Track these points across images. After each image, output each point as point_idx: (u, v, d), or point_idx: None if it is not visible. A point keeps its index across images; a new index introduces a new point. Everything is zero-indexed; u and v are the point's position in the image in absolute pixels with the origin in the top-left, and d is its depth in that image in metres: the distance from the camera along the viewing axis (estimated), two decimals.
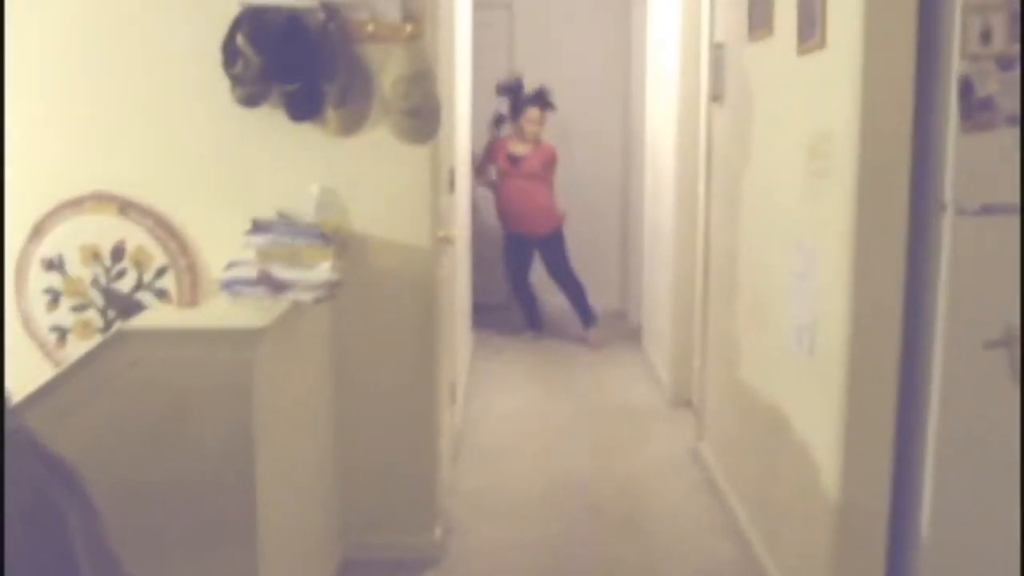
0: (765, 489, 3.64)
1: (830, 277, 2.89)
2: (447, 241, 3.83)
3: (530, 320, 7.55)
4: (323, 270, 3.13)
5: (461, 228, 5.39)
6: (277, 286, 2.86)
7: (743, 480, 3.98)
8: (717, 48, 4.41)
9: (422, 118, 3.42)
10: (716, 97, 4.44)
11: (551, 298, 7.66)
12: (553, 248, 7.29)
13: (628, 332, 7.61)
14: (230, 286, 2.87)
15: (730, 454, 4.25)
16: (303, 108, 3.41)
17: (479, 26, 7.26)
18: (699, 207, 5.42)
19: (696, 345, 5.49)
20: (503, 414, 5.59)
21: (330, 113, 3.42)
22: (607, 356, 6.96)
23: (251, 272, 2.95)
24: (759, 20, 3.63)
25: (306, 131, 3.45)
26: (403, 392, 3.60)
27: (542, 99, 7.13)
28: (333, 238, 3.39)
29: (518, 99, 7.17)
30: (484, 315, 7.77)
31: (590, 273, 7.53)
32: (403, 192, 3.51)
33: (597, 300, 8.14)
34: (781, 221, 3.40)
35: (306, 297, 2.80)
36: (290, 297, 2.81)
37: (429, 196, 3.53)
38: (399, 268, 3.54)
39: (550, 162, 7.25)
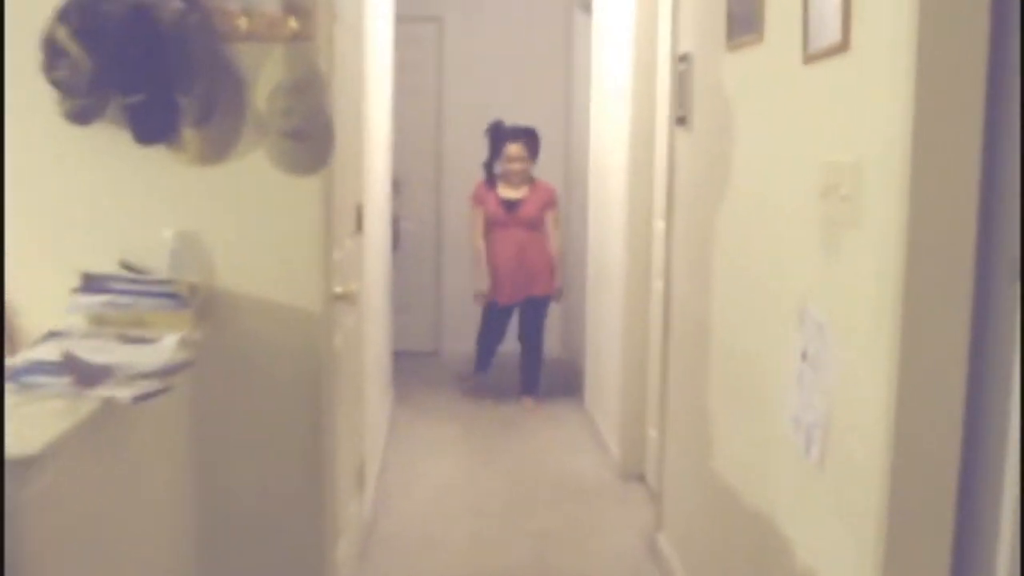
0: None
1: (853, 362, 2.12)
2: (347, 300, 3.00)
3: (482, 362, 6.68)
4: (165, 348, 2.29)
5: (374, 275, 4.56)
6: (89, 376, 2.01)
7: None
8: (682, 61, 3.64)
9: (309, 141, 2.61)
10: (681, 120, 3.67)
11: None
12: (537, 310, 6.46)
13: (569, 382, 6.82)
14: (20, 376, 2.00)
15: (701, 559, 3.45)
16: (152, 127, 2.57)
17: (405, 42, 6.48)
18: (655, 250, 4.64)
19: (651, 413, 4.71)
20: (425, 493, 4.74)
21: (188, 134, 2.58)
22: (546, 414, 6.15)
23: (53, 354, 2.10)
24: (743, 24, 2.87)
25: (157, 157, 2.62)
26: (285, 495, 2.76)
27: (521, 133, 6.34)
28: (191, 299, 2.56)
29: (496, 139, 6.39)
30: (407, 363, 6.94)
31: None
32: (286, 238, 2.69)
33: None
34: (775, 280, 2.63)
35: (123, 394, 1.95)
36: (106, 392, 1.96)
37: (320, 243, 2.72)
38: (280, 337, 2.71)
39: (550, 204, 6.39)
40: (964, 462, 1.97)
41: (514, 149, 6.26)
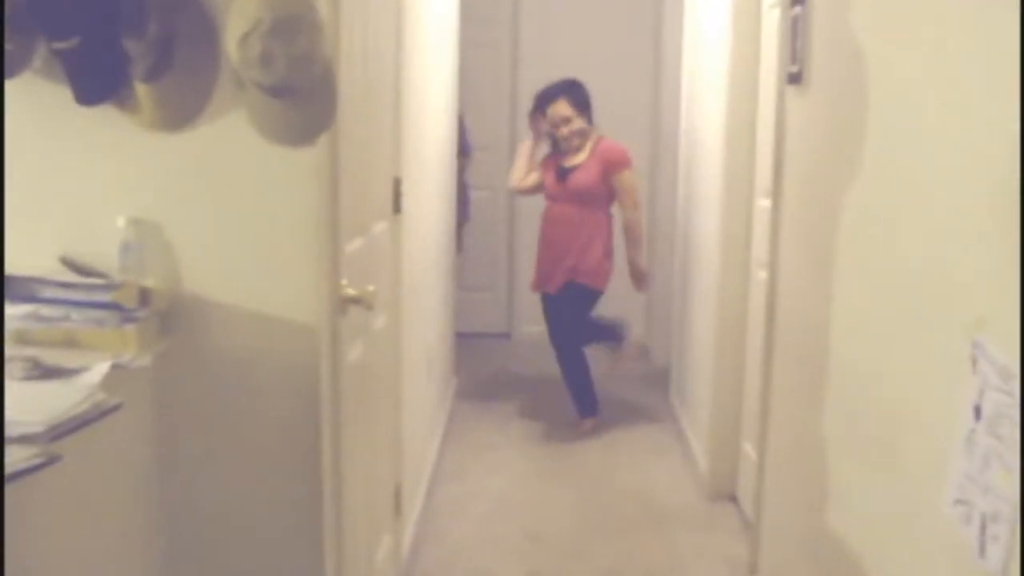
0: None
1: None
2: (363, 304, 2.34)
3: (584, 402, 5.21)
4: (82, 387, 1.66)
5: (426, 259, 3.90)
6: None
7: None
8: (796, 2, 2.90)
9: (301, 98, 1.94)
10: (795, 77, 2.93)
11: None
12: (572, 301, 5.10)
13: (652, 375, 6.10)
14: None
15: None
16: (94, 81, 1.93)
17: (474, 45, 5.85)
18: (757, 233, 3.91)
19: (748, 424, 4.00)
20: (479, 513, 4.08)
21: (142, 90, 1.95)
22: (625, 411, 5.44)
23: None
24: None
25: (104, 122, 1.99)
26: (274, 538, 2.13)
27: (560, 89, 5.01)
28: (142, 310, 1.93)
29: (540, 107, 5.11)
30: (474, 347, 6.30)
31: (608, 299, 6.02)
32: (275, 229, 2.05)
33: None
34: (933, 295, 1.91)
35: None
36: None
37: (322, 234, 2.07)
38: (265, 355, 2.07)
39: (614, 165, 4.98)
40: None
41: (557, 109, 4.98)
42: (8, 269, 1.93)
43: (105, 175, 2.03)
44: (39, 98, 1.96)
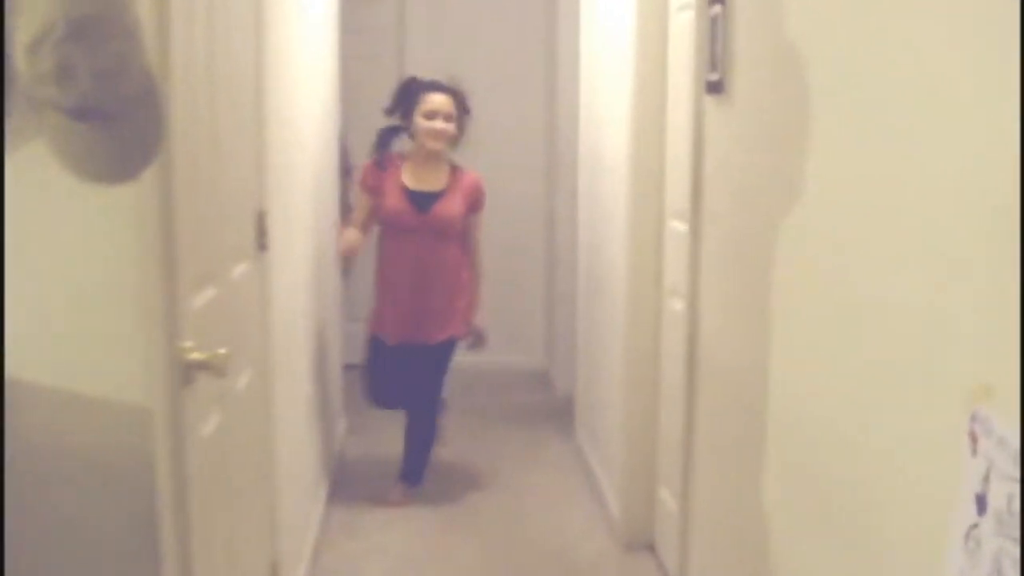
0: None
1: None
2: (212, 370, 1.90)
3: (421, 468, 4.41)
4: None
5: (303, 296, 3.46)
6: None
7: None
8: (712, 1, 2.56)
9: (112, 122, 1.51)
10: (715, 86, 2.59)
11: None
12: (436, 360, 4.31)
13: (555, 405, 5.74)
14: None
15: None
16: None
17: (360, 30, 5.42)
18: (669, 259, 3.56)
19: (664, 468, 3.65)
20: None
21: None
22: (527, 449, 5.05)
23: None
24: None
25: None
26: None
27: (446, 87, 4.18)
28: None
29: (410, 94, 4.18)
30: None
31: (506, 324, 5.63)
32: (88, 285, 1.61)
33: (516, 358, 6.28)
34: (907, 348, 1.57)
35: None
36: None
37: (148, 292, 1.63)
38: (88, 447, 1.63)
39: (478, 204, 4.25)
40: None
41: (439, 100, 4.09)
42: None
43: None
44: None
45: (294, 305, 3.29)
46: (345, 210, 5.33)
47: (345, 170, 5.43)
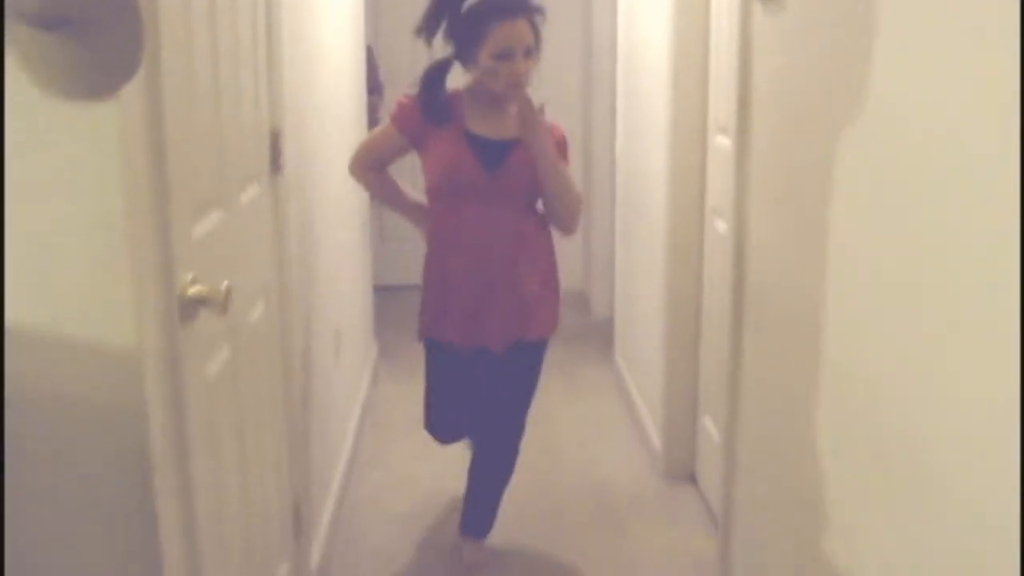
0: None
1: None
2: (213, 306, 1.74)
3: (490, 517, 3.26)
4: None
5: (327, 219, 3.28)
6: None
7: None
8: None
9: (85, 32, 1.34)
10: None
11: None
12: (524, 366, 3.10)
13: (593, 328, 5.58)
14: None
15: None
16: None
17: None
18: (712, 176, 3.36)
19: (707, 396, 3.49)
20: (402, 514, 3.52)
21: None
22: (564, 375, 4.89)
23: None
24: None
25: None
26: None
27: (532, 9, 2.88)
28: None
29: (467, 24, 2.84)
30: (395, 299, 5.70)
31: None
32: (70, 215, 1.44)
33: None
34: (972, 263, 1.37)
35: None
36: None
37: (137, 220, 1.47)
38: (63, 396, 1.48)
39: (561, 156, 3.00)
40: None
41: (517, 31, 2.81)
42: None
43: None
44: None
45: (314, 229, 3.11)
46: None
47: (373, 88, 5.22)
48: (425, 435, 3.37)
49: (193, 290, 1.69)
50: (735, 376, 2.77)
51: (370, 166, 3.04)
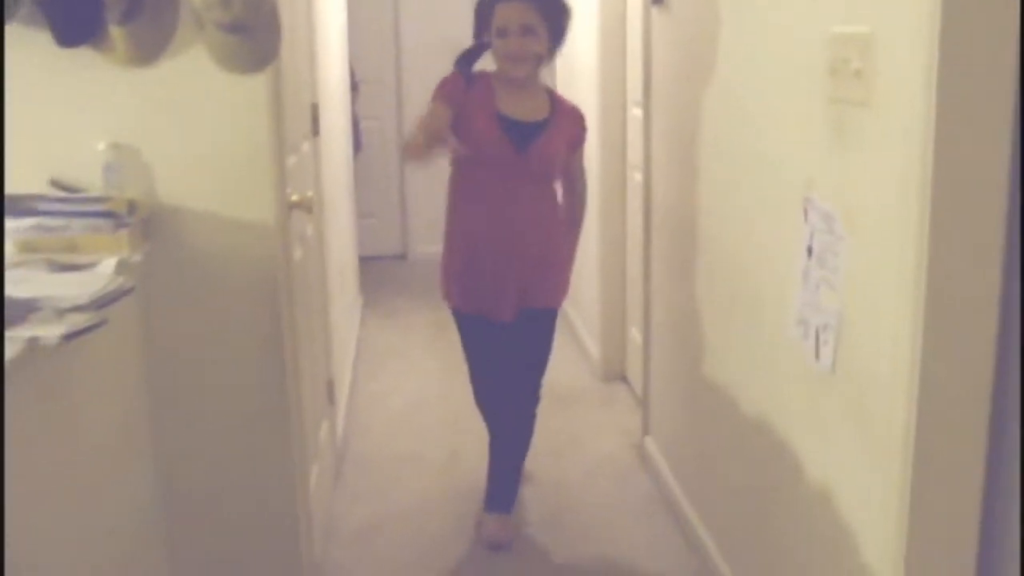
0: (753, 529, 2.69)
1: (870, 256, 1.91)
2: (303, 208, 2.75)
3: (514, 488, 3.49)
4: (100, 275, 2.05)
5: (335, 180, 4.29)
6: (11, 313, 1.77)
7: (719, 510, 3.03)
8: None
9: (252, 34, 2.32)
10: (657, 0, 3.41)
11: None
12: (539, 334, 3.44)
13: None
14: None
15: (692, 465, 3.29)
16: (73, 25, 2.28)
17: None
18: (632, 140, 4.40)
19: (633, 312, 4.52)
20: (399, 408, 4.53)
21: (115, 32, 2.30)
22: None
23: None
24: None
25: (83, 61, 2.33)
26: (251, 422, 2.55)
27: None
28: (129, 218, 2.30)
29: (482, 5, 3.21)
30: (374, 268, 6.70)
31: None
32: (232, 145, 2.42)
33: None
34: (772, 169, 2.41)
35: (51, 333, 1.71)
36: (30, 332, 1.71)
37: (270, 149, 2.45)
38: (232, 253, 2.46)
39: (579, 139, 3.43)
40: (999, 366, 1.77)
41: (510, 10, 3.10)
42: (13, 190, 2.29)
43: (85, 106, 2.37)
44: (25, 43, 2.29)
45: (334, 184, 4.10)
46: (353, 119, 6.14)
47: (352, 84, 6.21)
48: (405, 359, 4.38)
49: (292, 197, 2.69)
50: (647, 285, 3.80)
51: (430, 144, 3.01)
